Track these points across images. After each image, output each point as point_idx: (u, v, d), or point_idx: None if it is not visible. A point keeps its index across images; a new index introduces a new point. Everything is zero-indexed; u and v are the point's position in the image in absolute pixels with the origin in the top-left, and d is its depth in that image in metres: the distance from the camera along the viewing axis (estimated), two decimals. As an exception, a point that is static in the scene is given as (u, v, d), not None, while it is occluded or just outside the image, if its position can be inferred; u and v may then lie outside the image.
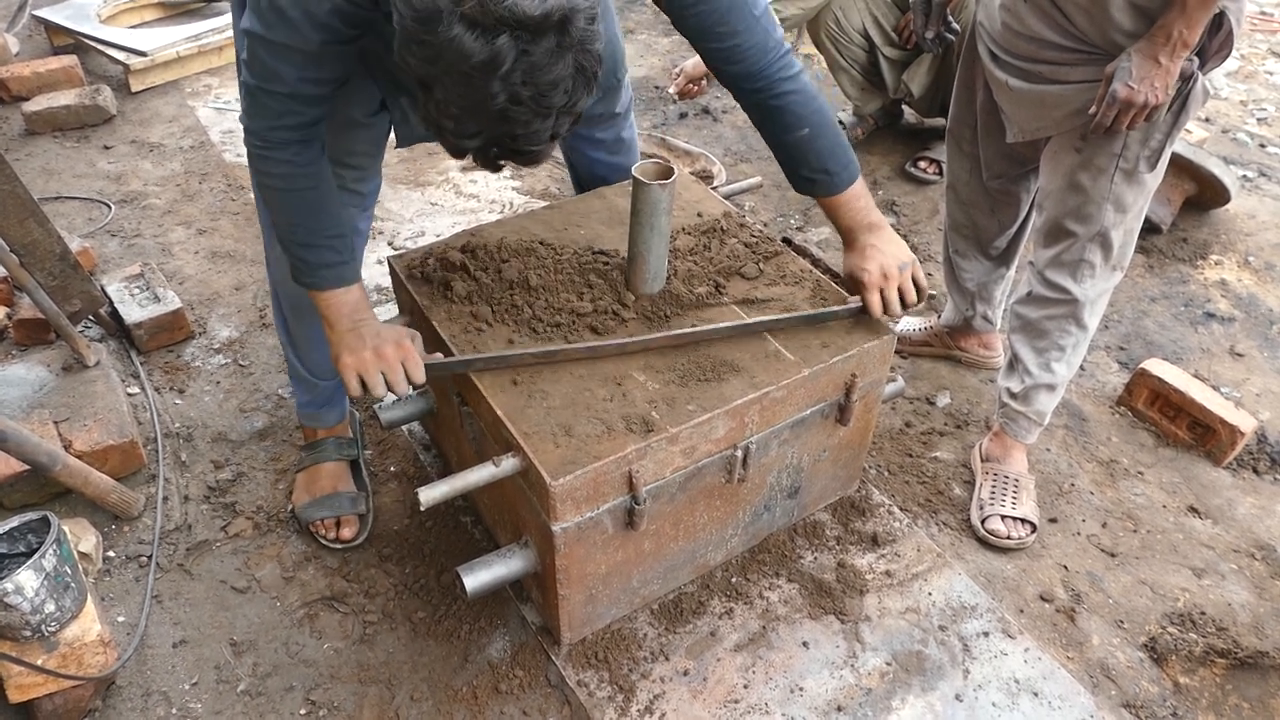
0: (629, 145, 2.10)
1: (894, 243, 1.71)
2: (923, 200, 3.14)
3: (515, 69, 1.11)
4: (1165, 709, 1.73)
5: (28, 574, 1.48)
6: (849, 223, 1.71)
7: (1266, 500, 2.16)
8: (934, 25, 1.96)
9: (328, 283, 1.53)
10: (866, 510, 2.01)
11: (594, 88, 1.21)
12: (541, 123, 1.18)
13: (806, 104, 1.61)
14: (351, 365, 1.51)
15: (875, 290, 1.68)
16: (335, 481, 1.98)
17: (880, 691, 1.70)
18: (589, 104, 1.24)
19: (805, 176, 1.68)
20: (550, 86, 1.14)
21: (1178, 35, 1.55)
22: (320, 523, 1.95)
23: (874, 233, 1.71)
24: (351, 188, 1.73)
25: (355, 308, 1.54)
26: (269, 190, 1.49)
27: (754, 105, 1.63)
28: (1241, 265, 2.90)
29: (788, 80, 1.58)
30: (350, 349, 1.52)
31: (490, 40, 1.08)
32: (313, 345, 1.90)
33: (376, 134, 1.71)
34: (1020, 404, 2.04)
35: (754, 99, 1.61)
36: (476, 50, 1.09)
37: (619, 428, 1.51)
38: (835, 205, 1.70)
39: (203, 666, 1.74)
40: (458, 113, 1.17)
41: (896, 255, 1.69)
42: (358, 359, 1.51)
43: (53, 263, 2.08)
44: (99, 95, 3.39)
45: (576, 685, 1.68)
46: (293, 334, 1.92)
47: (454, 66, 1.11)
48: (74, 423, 2.04)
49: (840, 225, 1.74)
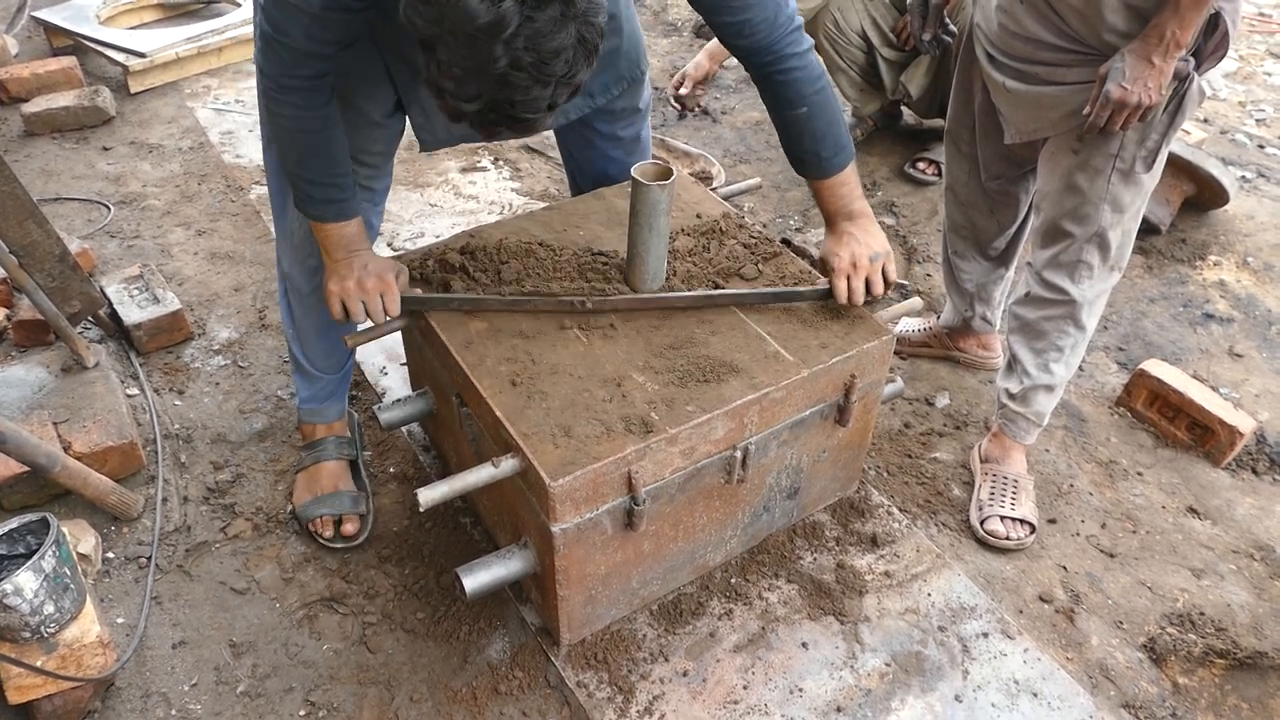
0: (644, 146, 2.10)
1: (871, 234, 1.74)
2: (922, 201, 3.14)
3: (519, 34, 1.14)
4: (1164, 709, 1.73)
5: (27, 575, 1.48)
6: (832, 208, 1.75)
7: (1265, 501, 2.16)
8: (931, 27, 1.97)
9: (329, 217, 1.62)
10: (866, 511, 2.02)
11: (594, 60, 1.24)
12: (541, 90, 1.21)
13: (809, 84, 1.64)
14: (336, 292, 1.64)
15: (843, 276, 1.72)
16: (336, 481, 1.99)
17: (880, 692, 1.70)
18: (587, 77, 1.26)
19: (797, 155, 1.72)
20: (552, 55, 1.17)
21: (1171, 35, 1.55)
22: (320, 521, 1.95)
23: (854, 221, 1.75)
24: (364, 184, 1.77)
25: (351, 240, 1.64)
26: (279, 129, 1.55)
27: (761, 79, 1.67)
28: (1240, 266, 2.91)
29: (795, 56, 1.61)
30: (339, 277, 1.64)
31: (496, 3, 1.11)
32: (318, 335, 1.93)
33: (391, 134, 1.77)
34: (1019, 405, 2.04)
35: (762, 72, 1.65)
36: (481, 12, 1.11)
37: (618, 428, 1.51)
38: (822, 189, 1.74)
39: (202, 668, 1.74)
40: (460, 74, 1.19)
41: (870, 246, 1.73)
42: (342, 287, 1.64)
43: (52, 264, 2.08)
44: (98, 96, 3.39)
45: (576, 686, 1.68)
46: (298, 324, 1.94)
47: (459, 27, 1.13)
48: (73, 424, 2.04)
49: (824, 209, 1.78)
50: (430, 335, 1.73)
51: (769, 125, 3.54)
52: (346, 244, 1.64)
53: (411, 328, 1.84)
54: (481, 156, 3.32)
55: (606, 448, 1.48)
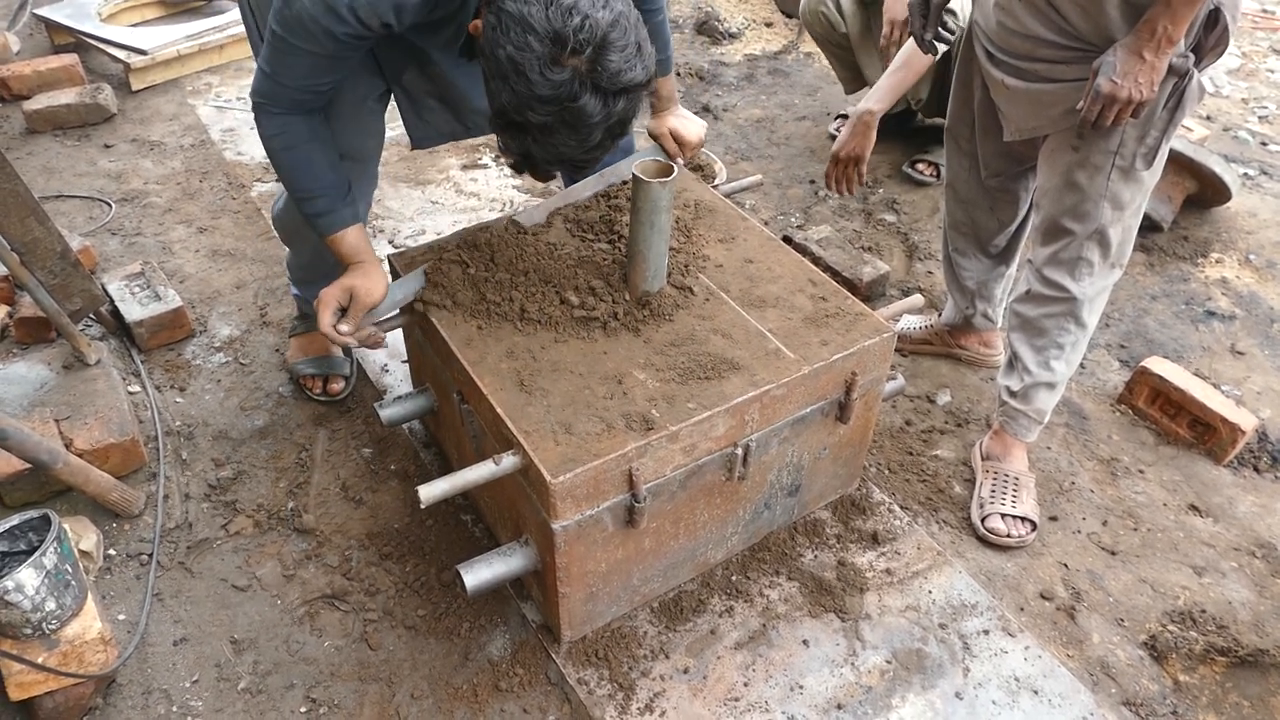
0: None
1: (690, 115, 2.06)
2: (923, 199, 3.14)
3: (619, 118, 1.39)
4: (1165, 707, 1.73)
5: (28, 572, 1.48)
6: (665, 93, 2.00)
7: (1267, 498, 2.16)
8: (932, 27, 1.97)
9: (323, 229, 1.69)
10: (867, 508, 2.02)
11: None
12: (615, 145, 1.45)
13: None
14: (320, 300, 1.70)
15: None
16: (327, 346, 2.29)
17: (880, 689, 1.70)
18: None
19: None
20: (632, 120, 1.43)
21: (1162, 31, 1.54)
22: (312, 379, 2.27)
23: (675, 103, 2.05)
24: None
25: (351, 251, 1.71)
26: (268, 146, 1.64)
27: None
28: (1242, 263, 2.90)
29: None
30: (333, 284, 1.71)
31: (609, 103, 1.36)
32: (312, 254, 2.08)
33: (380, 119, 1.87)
34: (1020, 402, 2.04)
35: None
36: (598, 111, 1.35)
37: (619, 425, 1.51)
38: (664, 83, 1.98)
39: (203, 664, 1.74)
40: (564, 151, 1.41)
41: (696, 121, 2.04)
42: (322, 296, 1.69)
43: (54, 261, 2.08)
44: (100, 94, 3.39)
45: (577, 683, 1.68)
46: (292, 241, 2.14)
47: (576, 123, 1.36)
48: (75, 421, 2.04)
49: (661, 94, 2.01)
50: (431, 332, 1.73)
51: (770, 122, 3.55)
52: (349, 254, 1.71)
53: (413, 325, 1.84)
54: (483, 154, 3.32)
55: (607, 445, 1.48)
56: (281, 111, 1.58)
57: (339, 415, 2.26)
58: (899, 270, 2.84)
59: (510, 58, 1.31)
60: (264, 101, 1.58)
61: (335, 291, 1.68)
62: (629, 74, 1.34)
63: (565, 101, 1.32)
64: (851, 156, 2.33)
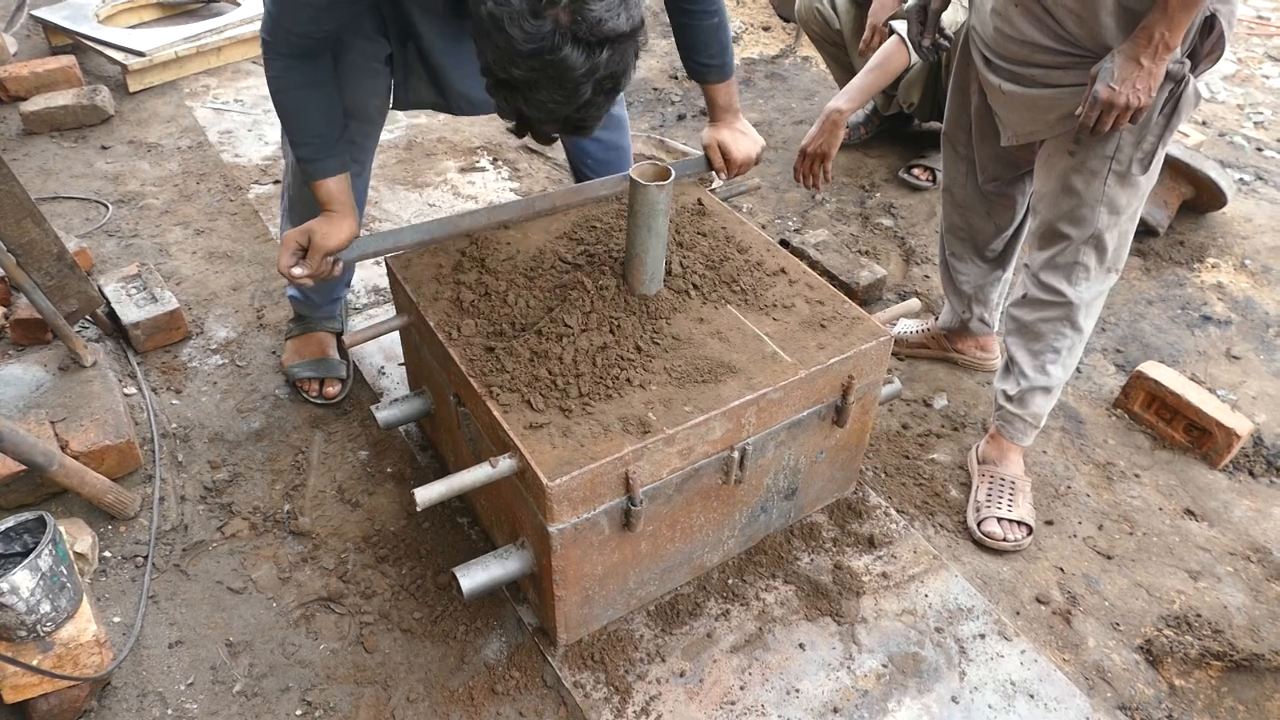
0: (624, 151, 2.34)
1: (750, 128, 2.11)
2: (919, 203, 3.15)
3: (605, 69, 1.33)
4: (1161, 711, 1.73)
5: (23, 574, 1.48)
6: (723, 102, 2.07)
7: (1262, 503, 2.16)
8: (930, 34, 1.98)
9: (308, 175, 1.75)
10: (863, 512, 2.02)
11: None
12: (608, 103, 1.41)
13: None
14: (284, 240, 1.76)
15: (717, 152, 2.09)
16: (323, 348, 2.31)
17: (876, 693, 1.70)
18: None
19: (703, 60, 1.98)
20: (623, 74, 1.38)
21: (1159, 37, 1.55)
22: (309, 382, 2.27)
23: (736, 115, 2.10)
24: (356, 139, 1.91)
25: (327, 197, 1.77)
26: (270, 88, 1.70)
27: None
28: (1238, 268, 2.91)
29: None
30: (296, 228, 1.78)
31: (593, 54, 1.30)
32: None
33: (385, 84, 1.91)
34: (1016, 406, 2.04)
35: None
36: (581, 63, 1.30)
37: (616, 429, 1.51)
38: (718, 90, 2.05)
39: (198, 667, 1.73)
40: (553, 108, 1.36)
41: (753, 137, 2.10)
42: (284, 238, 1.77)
43: (50, 263, 2.08)
44: (97, 95, 3.39)
45: (573, 686, 1.68)
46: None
47: (561, 77, 1.31)
48: (70, 423, 2.04)
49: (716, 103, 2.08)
50: (428, 335, 1.73)
51: (767, 126, 3.55)
52: (326, 201, 1.77)
53: (410, 327, 1.84)
54: (480, 156, 3.32)
55: (604, 448, 1.48)
56: (284, 54, 1.65)
57: (335, 418, 2.26)
58: (896, 274, 2.85)
59: (491, 13, 1.29)
60: (270, 40, 1.65)
61: (295, 234, 1.75)
62: (611, 23, 1.29)
63: (546, 54, 1.29)
64: (818, 153, 2.34)
